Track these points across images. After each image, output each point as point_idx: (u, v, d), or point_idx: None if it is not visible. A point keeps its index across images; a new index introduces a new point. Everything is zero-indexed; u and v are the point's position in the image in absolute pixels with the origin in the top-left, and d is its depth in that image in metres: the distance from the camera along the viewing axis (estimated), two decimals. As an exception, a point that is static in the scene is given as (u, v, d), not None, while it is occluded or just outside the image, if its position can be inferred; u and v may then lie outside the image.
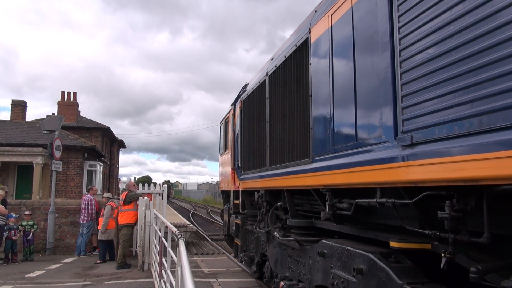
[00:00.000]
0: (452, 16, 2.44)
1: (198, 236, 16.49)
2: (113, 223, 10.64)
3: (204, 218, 28.35)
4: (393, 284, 2.96)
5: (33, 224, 11.02)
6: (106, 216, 10.47)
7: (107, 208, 10.63)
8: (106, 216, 10.47)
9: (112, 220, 10.58)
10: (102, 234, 10.41)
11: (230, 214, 9.75)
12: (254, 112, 7.08)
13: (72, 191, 21.64)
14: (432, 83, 2.59)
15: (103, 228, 10.37)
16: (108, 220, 10.45)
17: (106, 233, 10.43)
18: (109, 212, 10.56)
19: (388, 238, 3.22)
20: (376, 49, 3.27)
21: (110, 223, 10.53)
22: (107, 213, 10.51)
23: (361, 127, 3.48)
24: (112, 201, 11.01)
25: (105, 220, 10.42)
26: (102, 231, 10.39)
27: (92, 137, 27.12)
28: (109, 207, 10.65)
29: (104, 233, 10.40)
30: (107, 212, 10.54)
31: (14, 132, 21.88)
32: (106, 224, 10.40)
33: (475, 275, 2.34)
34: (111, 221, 10.56)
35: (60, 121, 13.17)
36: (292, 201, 5.47)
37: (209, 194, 64.00)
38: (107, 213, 10.52)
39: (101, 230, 10.42)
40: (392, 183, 2.95)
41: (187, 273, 2.54)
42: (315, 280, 4.41)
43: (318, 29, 4.45)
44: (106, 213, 10.52)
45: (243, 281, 8.29)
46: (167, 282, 5.34)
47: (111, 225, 10.56)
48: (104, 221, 10.41)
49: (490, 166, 2.08)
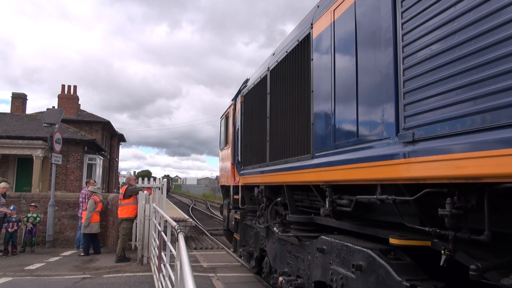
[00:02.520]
0: (456, 13, 2.42)
1: (197, 230, 16.53)
2: (97, 217, 10.69)
3: (203, 212, 28.40)
4: (392, 280, 2.96)
5: (37, 217, 11.17)
6: (89, 209, 10.47)
7: (90, 201, 10.64)
8: (89, 209, 10.47)
9: (95, 214, 10.61)
10: (85, 228, 10.41)
11: (229, 209, 9.75)
12: (255, 107, 7.06)
13: (72, 185, 21.66)
14: (434, 80, 2.57)
15: (86, 221, 10.36)
16: (91, 213, 10.47)
17: (89, 227, 10.43)
18: (92, 205, 10.57)
19: (388, 235, 3.21)
20: (378, 45, 3.24)
21: (94, 217, 10.55)
22: (90, 207, 10.52)
23: (363, 123, 3.47)
24: (96, 195, 11.01)
25: (88, 213, 10.42)
26: (85, 224, 10.37)
27: (92, 130, 27.10)
28: (92, 201, 10.68)
29: (87, 227, 10.40)
30: (90, 205, 10.54)
31: (14, 124, 21.85)
32: (89, 218, 10.40)
33: (475, 273, 2.33)
34: (95, 215, 10.59)
35: (60, 114, 13.15)
36: (292, 196, 5.47)
37: (208, 189, 64.07)
38: (90, 206, 10.53)
39: (84, 224, 10.40)
40: (393, 180, 2.94)
41: (187, 267, 2.54)
42: (314, 276, 4.41)
43: (320, 24, 4.43)
44: (89, 206, 10.52)
45: (242, 276, 8.31)
46: (166, 276, 5.35)
47: (95, 218, 10.58)
48: (88, 215, 10.40)
49: (492, 164, 2.07)
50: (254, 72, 7.77)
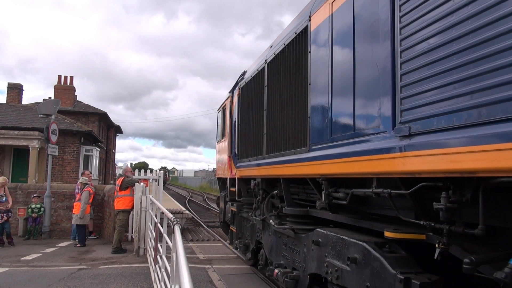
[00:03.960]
0: (454, 7, 2.41)
1: (194, 222, 16.56)
2: (89, 208, 10.81)
3: (200, 205, 28.45)
4: (386, 273, 2.99)
5: (41, 207, 11.54)
6: (84, 201, 10.50)
7: (85, 193, 10.68)
8: (84, 201, 10.50)
9: (88, 205, 10.70)
10: (80, 219, 10.43)
11: (226, 201, 9.77)
12: (252, 100, 7.04)
13: (68, 176, 21.62)
14: (431, 73, 2.57)
15: (81, 213, 10.38)
16: (86, 205, 10.53)
17: (83, 218, 10.49)
18: (87, 197, 10.64)
19: (383, 228, 3.23)
20: (376, 39, 3.23)
21: (87, 208, 10.65)
22: (86, 198, 10.57)
23: (359, 117, 3.47)
24: (89, 187, 11.04)
25: (83, 205, 10.44)
26: (80, 216, 10.38)
27: (88, 122, 26.99)
28: (87, 192, 10.74)
29: (82, 218, 10.44)
30: (85, 197, 10.59)
31: (10, 115, 21.72)
32: (84, 209, 10.45)
33: (468, 266, 2.35)
34: (87, 206, 10.69)
35: (57, 105, 13.08)
36: (288, 189, 5.48)
37: (205, 181, 64.18)
38: (86, 198, 10.57)
39: (79, 215, 10.39)
40: (389, 174, 2.95)
41: (182, 259, 2.54)
42: (310, 268, 4.44)
43: (318, 17, 4.40)
44: (84, 198, 10.55)
45: (238, 267, 8.35)
46: (162, 267, 5.37)
47: (87, 210, 10.69)
48: (83, 207, 10.43)
49: (487, 158, 2.08)
50: (252, 64, 7.73)
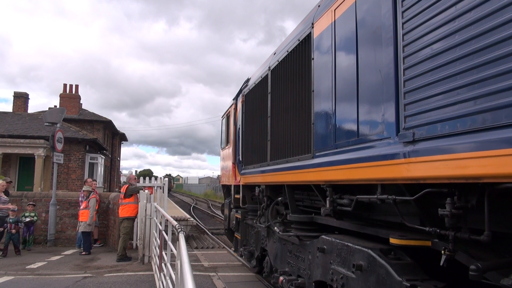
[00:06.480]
0: (457, 12, 2.41)
1: (198, 230, 16.53)
2: (95, 216, 11.06)
3: (204, 212, 28.41)
4: (392, 280, 2.96)
5: (34, 215, 11.30)
6: (92, 208, 10.74)
7: (92, 200, 10.89)
8: (92, 208, 10.74)
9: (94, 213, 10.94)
10: (88, 226, 10.61)
11: (230, 208, 9.76)
12: (256, 107, 7.06)
13: (73, 184, 21.71)
14: (435, 79, 2.56)
15: (90, 220, 10.57)
16: (94, 212, 10.79)
17: (91, 225, 10.71)
18: (95, 205, 10.89)
19: (388, 235, 3.21)
20: (379, 45, 3.24)
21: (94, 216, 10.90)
22: (93, 206, 10.81)
23: (363, 123, 3.47)
24: (94, 195, 11.25)
25: (91, 212, 10.66)
26: (89, 223, 10.56)
27: (94, 129, 27.14)
28: (94, 199, 10.96)
29: (90, 225, 10.63)
30: (93, 205, 10.82)
31: (16, 124, 21.90)
32: (93, 216, 10.69)
33: (474, 273, 2.33)
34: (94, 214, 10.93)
35: (62, 114, 13.17)
36: (292, 196, 5.47)
37: (210, 188, 64.07)
38: (93, 205, 10.82)
39: (88, 222, 10.56)
40: (393, 180, 2.94)
41: (187, 266, 2.54)
42: (315, 275, 4.41)
43: (321, 24, 4.42)
44: (92, 205, 10.79)
45: (243, 275, 8.32)
46: (167, 275, 5.36)
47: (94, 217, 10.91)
48: (91, 214, 10.63)
49: (492, 164, 2.06)
50: (255, 71, 7.76)
